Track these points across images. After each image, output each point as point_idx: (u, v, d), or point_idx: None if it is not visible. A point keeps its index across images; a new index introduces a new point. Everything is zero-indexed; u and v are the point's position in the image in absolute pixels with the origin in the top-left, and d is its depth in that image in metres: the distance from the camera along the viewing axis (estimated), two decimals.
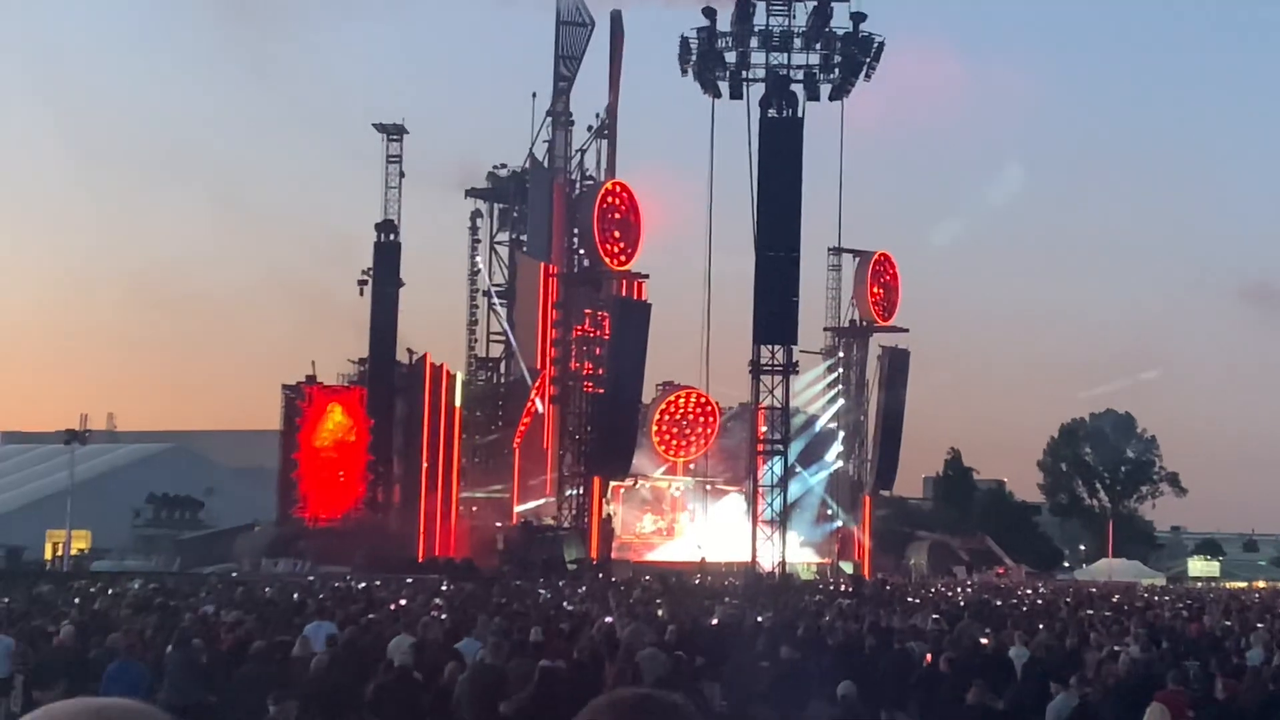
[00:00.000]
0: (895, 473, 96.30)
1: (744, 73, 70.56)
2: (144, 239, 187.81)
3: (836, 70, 70.80)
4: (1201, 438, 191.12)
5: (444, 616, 25.90)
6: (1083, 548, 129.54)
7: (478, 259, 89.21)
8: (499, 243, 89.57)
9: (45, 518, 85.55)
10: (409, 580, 51.39)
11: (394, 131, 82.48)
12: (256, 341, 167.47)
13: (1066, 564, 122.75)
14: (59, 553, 79.42)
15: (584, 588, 49.30)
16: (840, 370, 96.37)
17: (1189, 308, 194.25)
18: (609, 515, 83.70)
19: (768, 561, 68.37)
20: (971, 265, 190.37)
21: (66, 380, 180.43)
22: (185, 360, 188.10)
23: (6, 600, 33.32)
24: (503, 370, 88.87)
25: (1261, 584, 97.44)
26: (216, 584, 47.34)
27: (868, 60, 70.67)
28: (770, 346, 70.57)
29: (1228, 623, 32.13)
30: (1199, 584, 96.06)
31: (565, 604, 35.84)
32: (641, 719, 2.93)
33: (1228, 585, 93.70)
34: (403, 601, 33.43)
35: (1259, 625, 30.73)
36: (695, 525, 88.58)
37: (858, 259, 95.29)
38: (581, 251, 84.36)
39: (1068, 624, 28.91)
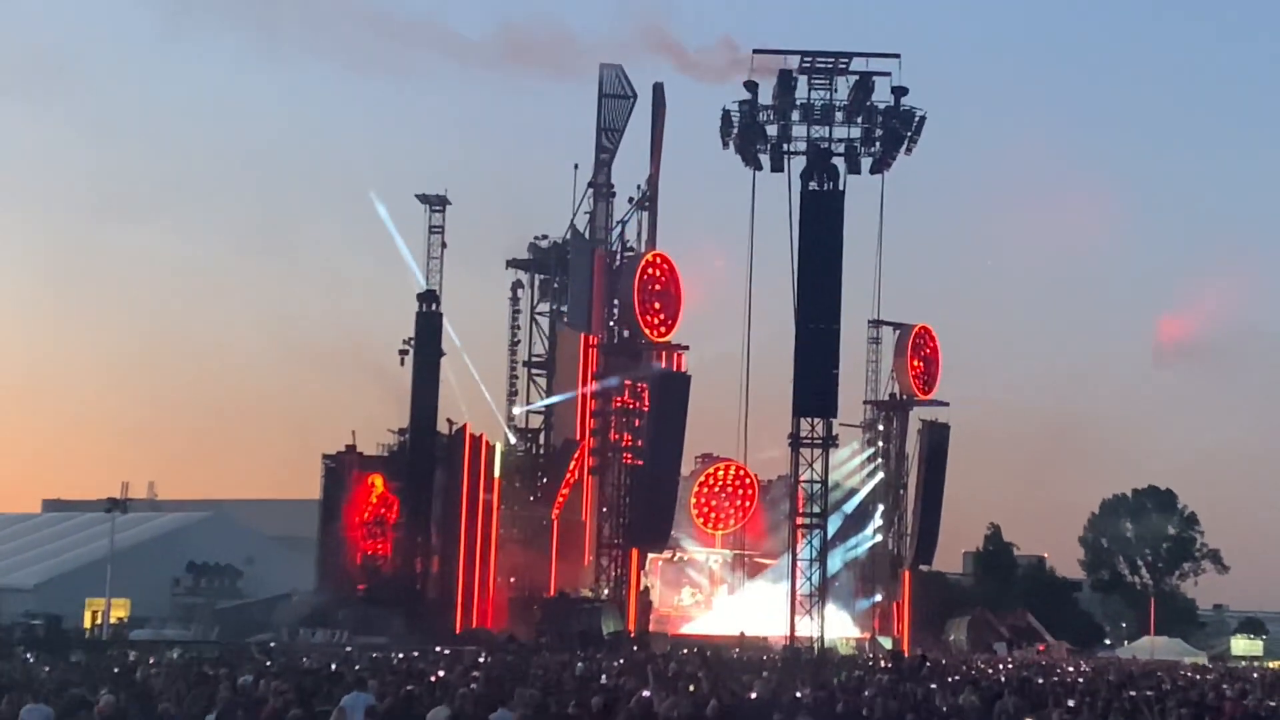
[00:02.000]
0: (935, 547, 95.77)
1: (785, 145, 70.80)
2: (187, 303, 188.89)
3: (878, 144, 70.99)
4: (1243, 515, 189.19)
5: (473, 687, 25.74)
6: (1124, 625, 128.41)
7: (518, 329, 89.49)
8: (539, 313, 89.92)
9: (85, 586, 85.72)
10: (447, 651, 51.34)
11: (436, 202, 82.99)
12: (297, 411, 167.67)
13: (1108, 641, 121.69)
14: (98, 621, 79.55)
15: (621, 660, 49.13)
16: (880, 444, 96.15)
17: (1225, 383, 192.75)
18: (646, 587, 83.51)
19: (806, 636, 68.01)
20: (1013, 337, 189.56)
21: (108, 449, 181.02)
22: (226, 429, 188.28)
23: (46, 669, 33.35)
24: (542, 441, 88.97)
25: None
26: (255, 653, 47.32)
27: (909, 134, 70.85)
28: (810, 419, 70.43)
29: (1272, 703, 31.80)
30: (1243, 663, 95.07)
31: (603, 676, 35.70)
32: None
33: (1271, 665, 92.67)
34: (441, 673, 33.33)
35: None
36: (733, 599, 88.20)
37: (898, 331, 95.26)
38: (616, 323, 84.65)
39: (1110, 703, 28.65)
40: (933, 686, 34.02)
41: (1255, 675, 58.50)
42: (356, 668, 35.41)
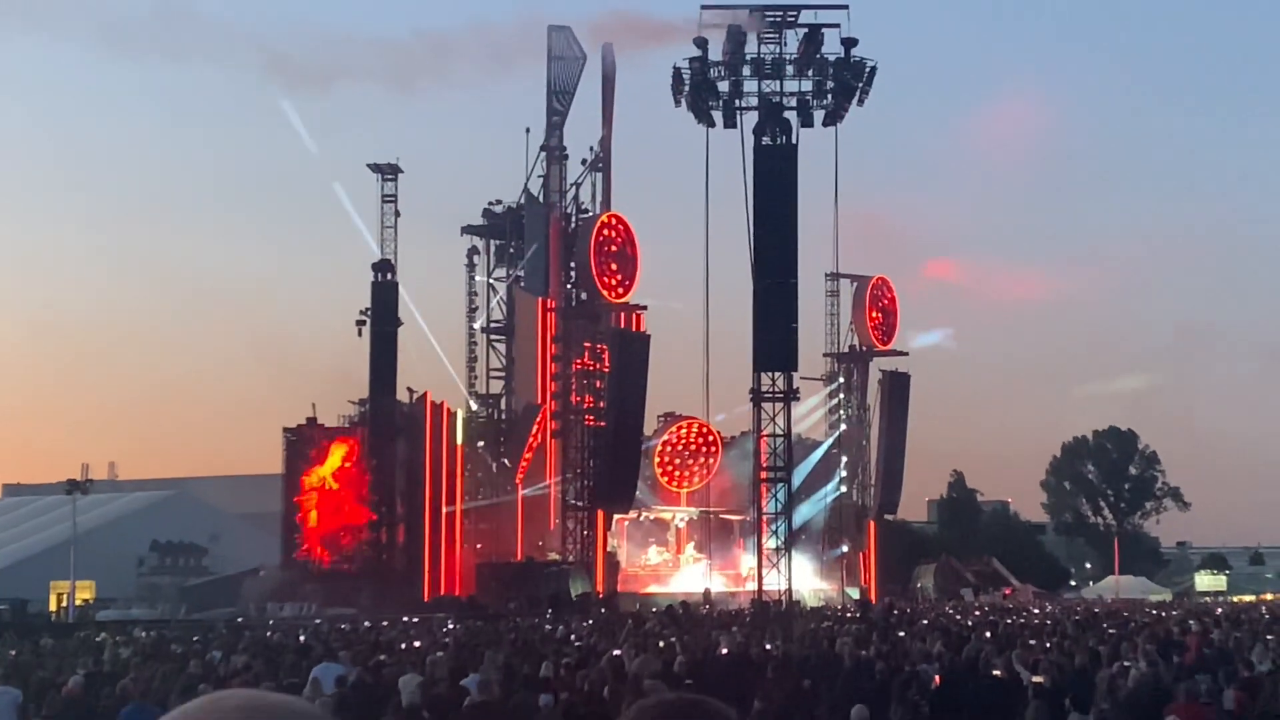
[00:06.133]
0: (899, 497, 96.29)
1: (737, 101, 70.73)
2: (140, 286, 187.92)
3: (829, 96, 70.98)
4: (1204, 451, 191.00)
5: (440, 654, 25.70)
6: (1089, 566, 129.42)
7: (475, 296, 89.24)
8: (496, 279, 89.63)
9: (49, 569, 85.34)
10: (415, 620, 51.31)
11: (389, 171, 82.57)
12: (256, 385, 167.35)
13: (1073, 583, 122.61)
14: (63, 604, 79.23)
15: (590, 621, 49.24)
16: (841, 396, 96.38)
17: (1190, 317, 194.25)
18: (614, 548, 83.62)
19: (774, 589, 68.26)
20: (970, 286, 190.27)
21: (67, 431, 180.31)
22: (185, 407, 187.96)
23: (13, 653, 33.21)
24: (503, 406, 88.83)
25: (1269, 597, 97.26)
26: (223, 630, 47.24)
27: (860, 85, 70.83)
28: (770, 374, 70.56)
29: (1238, 634, 32.07)
30: (1206, 599, 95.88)
31: (572, 638, 35.78)
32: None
33: (1235, 599, 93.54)
34: (416, 644, 33.32)
35: (1268, 637, 30.68)
36: (700, 556, 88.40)
37: (855, 284, 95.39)
38: (574, 285, 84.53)
39: (1076, 642, 28.84)
40: (900, 634, 34.20)
41: (1219, 610, 59.06)
42: (326, 640, 35.38)
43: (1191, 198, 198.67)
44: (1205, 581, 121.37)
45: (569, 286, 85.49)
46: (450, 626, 46.43)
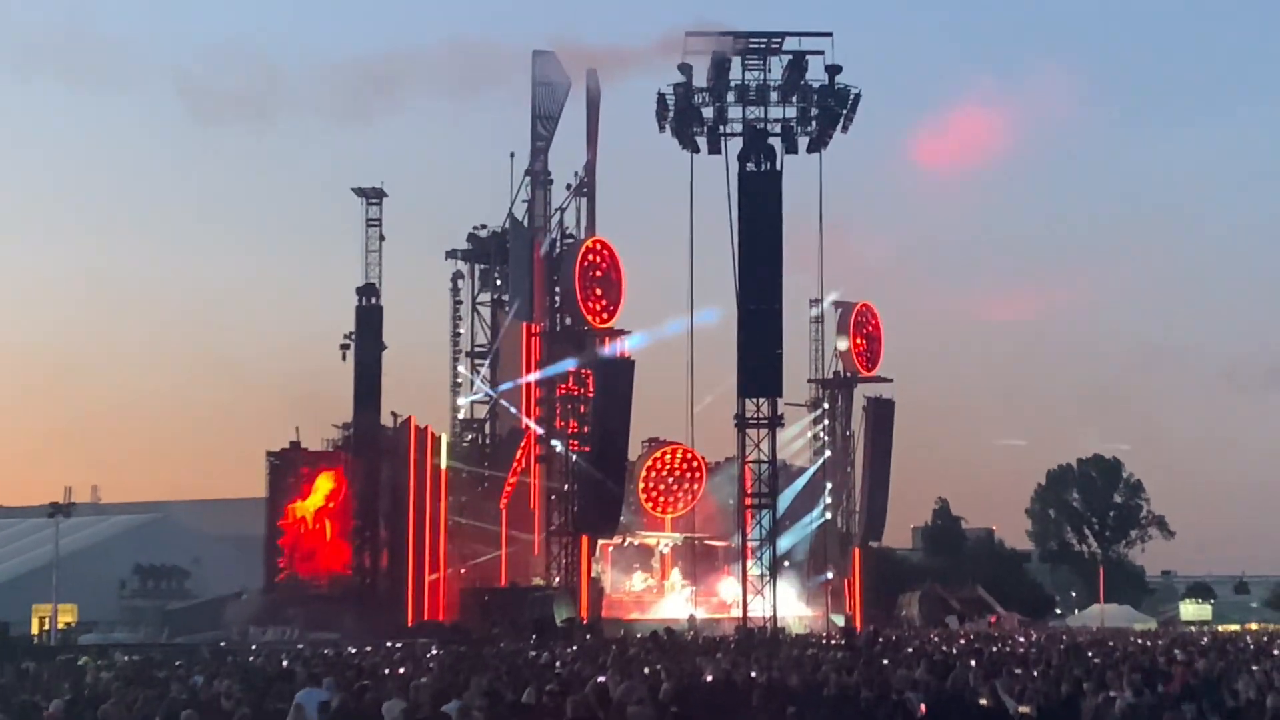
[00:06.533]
0: (884, 523, 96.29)
1: (721, 127, 70.76)
2: (121, 308, 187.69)
3: (814, 123, 71.06)
4: (1188, 480, 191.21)
5: (424, 680, 25.54)
6: (1074, 594, 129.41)
7: (460, 320, 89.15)
8: (480, 303, 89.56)
9: (31, 592, 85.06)
10: (399, 645, 51.15)
11: (373, 195, 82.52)
12: (239, 409, 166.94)
13: (1059, 611, 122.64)
14: (45, 627, 78.90)
15: (574, 647, 49.09)
16: (826, 422, 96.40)
17: (1172, 349, 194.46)
18: (598, 574, 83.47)
19: (759, 616, 68.11)
20: (955, 313, 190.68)
21: (49, 453, 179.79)
22: (168, 430, 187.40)
23: None
24: (487, 430, 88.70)
25: (1254, 626, 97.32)
26: (206, 654, 47.06)
27: (844, 111, 70.93)
28: (755, 400, 70.51)
29: (1223, 664, 32.05)
30: (1191, 628, 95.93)
31: (557, 664, 35.63)
32: None
33: (1221, 628, 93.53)
34: (400, 670, 33.18)
35: (1254, 667, 30.66)
36: (684, 582, 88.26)
37: (840, 310, 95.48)
38: (559, 310, 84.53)
39: (1062, 671, 28.78)
40: (885, 662, 34.12)
41: (1204, 639, 59.03)
42: (309, 665, 35.21)
43: (1174, 211, 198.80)
44: (1190, 610, 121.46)
45: (554, 311, 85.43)
46: (434, 652, 46.26)
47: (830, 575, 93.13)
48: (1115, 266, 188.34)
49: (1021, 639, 60.13)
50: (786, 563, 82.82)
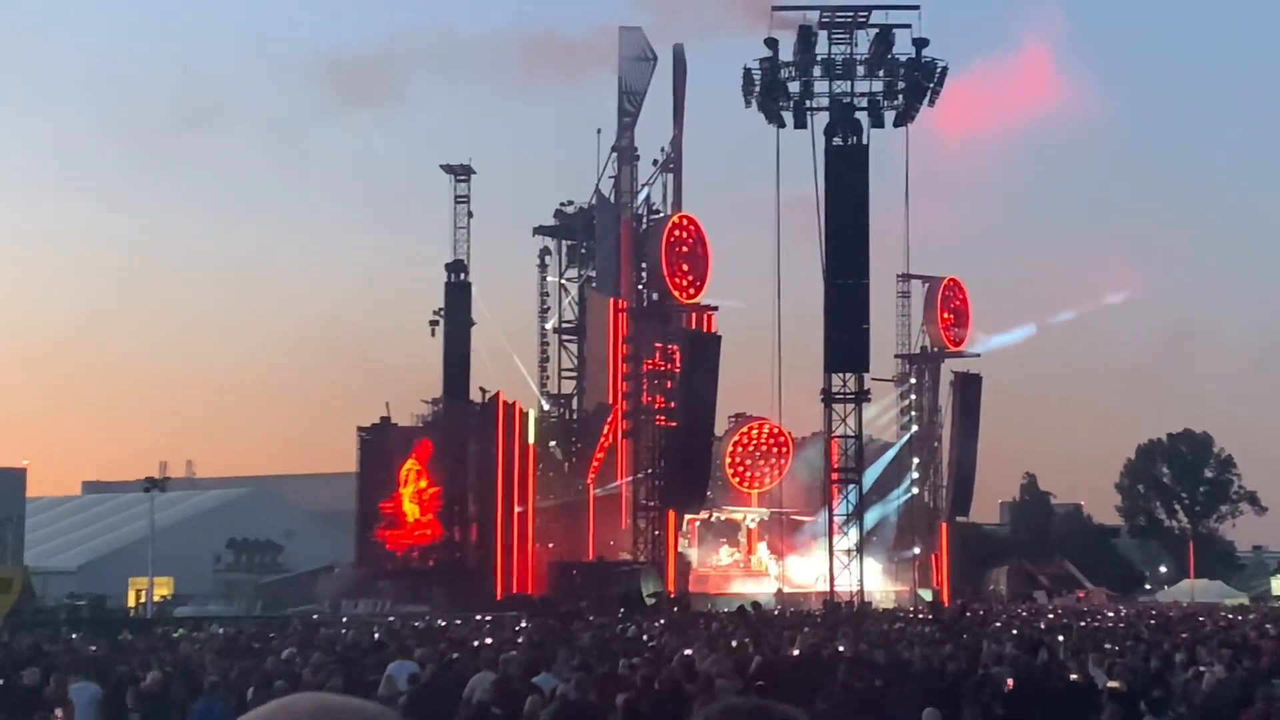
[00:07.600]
0: (971, 498, 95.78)
1: (808, 102, 70.68)
2: (216, 288, 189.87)
3: (900, 96, 70.82)
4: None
5: (513, 653, 25.81)
6: (1163, 569, 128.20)
7: (547, 296, 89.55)
8: (568, 280, 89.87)
9: (127, 566, 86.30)
10: (488, 618, 51.57)
11: (461, 172, 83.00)
12: (331, 385, 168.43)
13: (1148, 586, 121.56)
14: (142, 600, 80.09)
15: (661, 621, 49.32)
16: (913, 397, 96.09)
17: (1264, 318, 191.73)
18: (685, 549, 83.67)
19: (845, 590, 68.13)
20: (1044, 284, 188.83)
21: (146, 429, 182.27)
22: (262, 406, 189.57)
23: (93, 648, 33.64)
24: (574, 406, 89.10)
25: None
26: (298, 626, 47.65)
27: (931, 85, 70.61)
28: (842, 375, 70.48)
29: None
30: None
31: (645, 638, 35.85)
32: None
33: None
34: (488, 641, 33.49)
35: None
36: (771, 556, 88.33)
37: (927, 285, 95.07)
38: (645, 286, 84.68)
39: (1151, 646, 28.66)
40: (964, 636, 34.08)
41: None
42: (400, 637, 35.62)
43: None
44: None
45: (640, 287, 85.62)
46: (523, 625, 46.63)
47: (917, 550, 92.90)
48: (1200, 242, 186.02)
49: (1110, 614, 59.76)
50: (873, 538, 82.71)
